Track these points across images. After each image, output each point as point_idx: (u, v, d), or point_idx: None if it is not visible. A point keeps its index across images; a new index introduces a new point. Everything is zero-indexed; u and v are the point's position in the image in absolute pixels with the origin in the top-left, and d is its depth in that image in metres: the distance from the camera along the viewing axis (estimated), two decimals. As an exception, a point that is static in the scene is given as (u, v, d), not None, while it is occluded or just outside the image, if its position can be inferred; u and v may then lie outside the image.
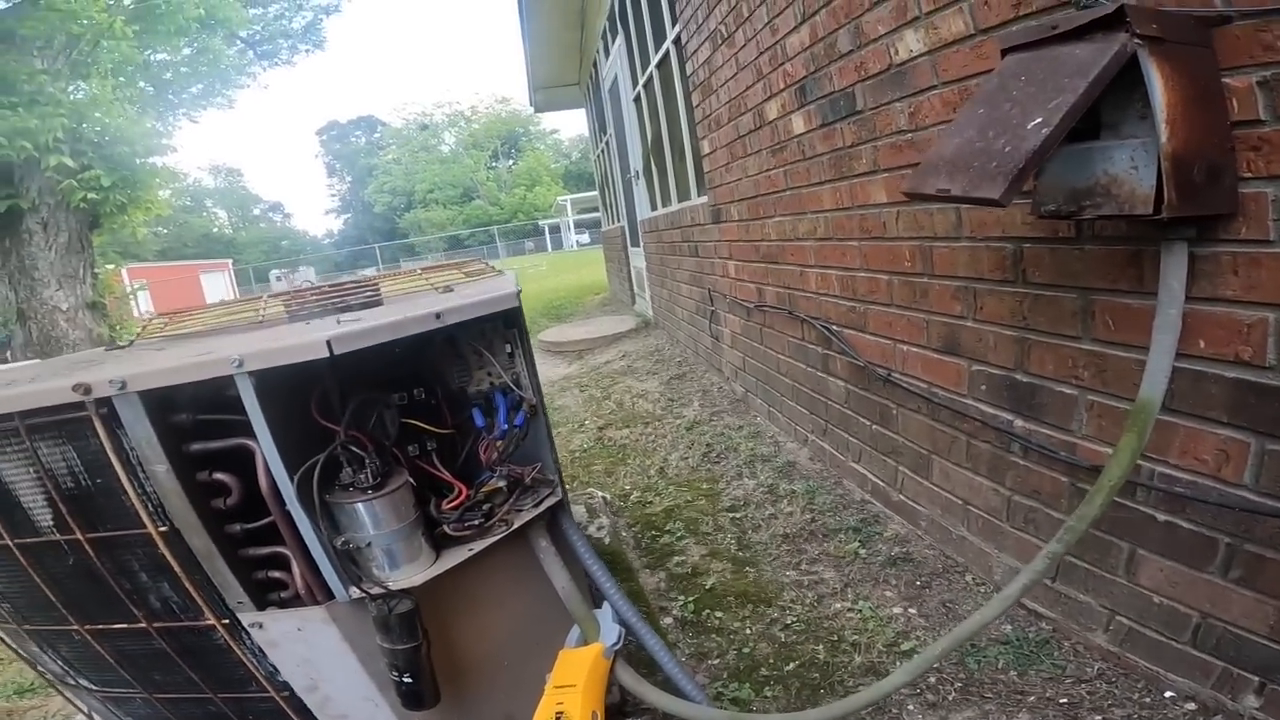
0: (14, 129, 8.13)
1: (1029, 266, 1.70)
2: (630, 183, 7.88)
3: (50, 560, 1.26)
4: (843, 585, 2.28)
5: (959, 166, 1.33)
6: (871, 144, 2.34)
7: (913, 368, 2.28)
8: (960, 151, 1.36)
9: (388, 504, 1.21)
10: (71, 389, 1.05)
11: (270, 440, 1.06)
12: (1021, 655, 1.78)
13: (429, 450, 1.37)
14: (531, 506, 1.45)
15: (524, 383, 1.43)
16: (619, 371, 5.89)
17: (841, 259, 2.68)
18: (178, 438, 1.13)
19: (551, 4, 8.73)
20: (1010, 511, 1.93)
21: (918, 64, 2.03)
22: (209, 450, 1.14)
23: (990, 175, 1.23)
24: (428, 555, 1.32)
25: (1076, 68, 1.27)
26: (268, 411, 1.07)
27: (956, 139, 1.41)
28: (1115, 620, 1.64)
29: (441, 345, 1.41)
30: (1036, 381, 1.74)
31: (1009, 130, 1.29)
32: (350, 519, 1.21)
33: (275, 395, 1.10)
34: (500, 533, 1.38)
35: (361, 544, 1.22)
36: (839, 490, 2.92)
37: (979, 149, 1.33)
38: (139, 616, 1.28)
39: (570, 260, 30.38)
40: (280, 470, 1.08)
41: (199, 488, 1.15)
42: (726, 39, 3.63)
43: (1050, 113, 1.24)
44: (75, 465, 1.16)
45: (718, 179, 4.18)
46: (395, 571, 1.27)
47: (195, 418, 1.13)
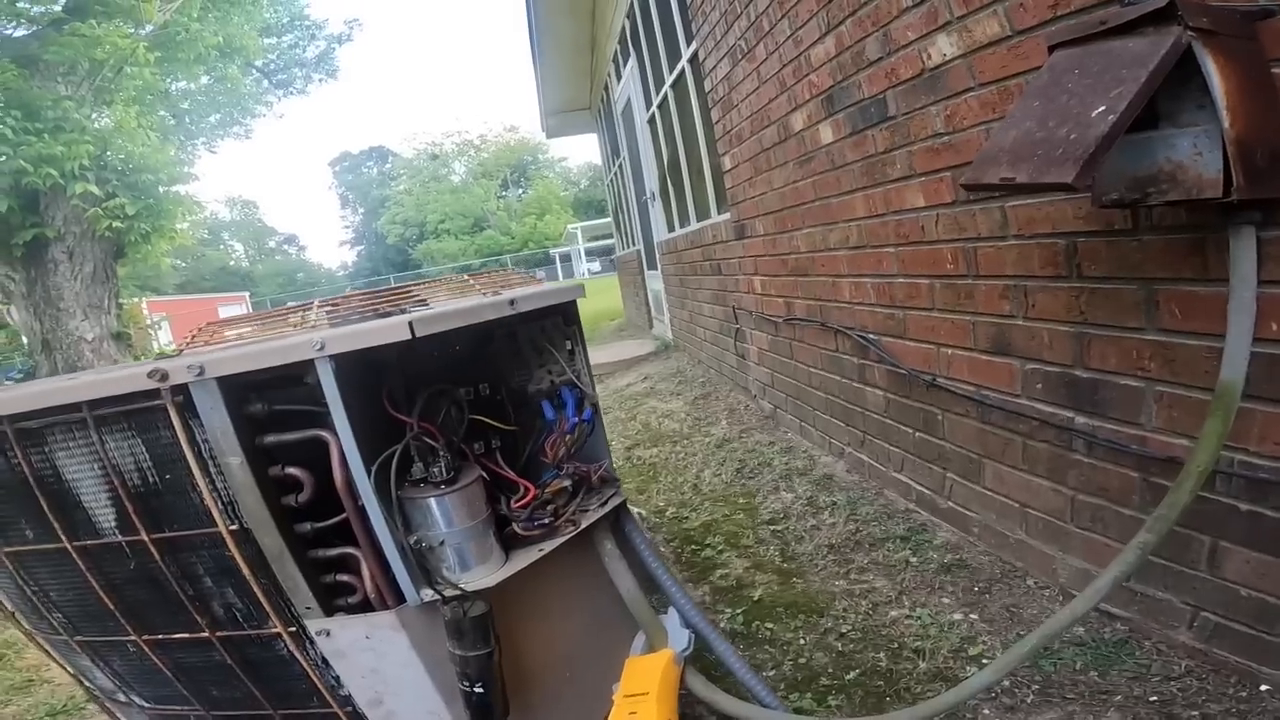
0: (39, 155, 8.25)
1: (1084, 260, 1.68)
2: (645, 205, 7.90)
3: (110, 564, 1.22)
4: (897, 593, 2.23)
5: (1021, 156, 1.33)
6: (906, 149, 2.33)
7: (959, 371, 2.25)
8: (1020, 142, 1.36)
9: (461, 500, 1.19)
10: (147, 375, 1.02)
11: (349, 430, 1.04)
12: (1099, 656, 1.72)
13: (494, 448, 1.35)
14: (597, 506, 1.42)
15: (585, 380, 1.41)
16: (642, 393, 5.87)
17: (877, 266, 2.66)
18: (253, 430, 1.10)
19: (562, 29, 8.83)
20: (1074, 511, 1.88)
21: (952, 67, 2.03)
22: (283, 442, 1.11)
23: (1058, 161, 1.23)
24: (498, 556, 1.30)
25: (1133, 60, 1.27)
26: (346, 402, 1.05)
27: (1014, 131, 1.41)
28: (1200, 616, 1.59)
29: (502, 342, 1.40)
30: (1098, 376, 1.71)
31: (1071, 119, 1.29)
32: (423, 516, 1.19)
33: (351, 386, 1.08)
34: (568, 533, 1.36)
35: (434, 542, 1.20)
36: (881, 500, 2.88)
37: (1040, 138, 1.32)
38: (201, 625, 1.25)
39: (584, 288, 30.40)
40: (357, 462, 1.05)
41: (271, 483, 1.12)
42: (747, 54, 3.64)
43: (1114, 101, 1.24)
44: (143, 460, 1.12)
45: (740, 194, 4.17)
46: (467, 573, 1.24)
47: (271, 408, 1.10)
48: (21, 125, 8.37)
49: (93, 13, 9.12)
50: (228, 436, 1.05)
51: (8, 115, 8.32)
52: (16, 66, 8.74)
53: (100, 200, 9.00)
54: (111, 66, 9.33)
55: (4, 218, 8.58)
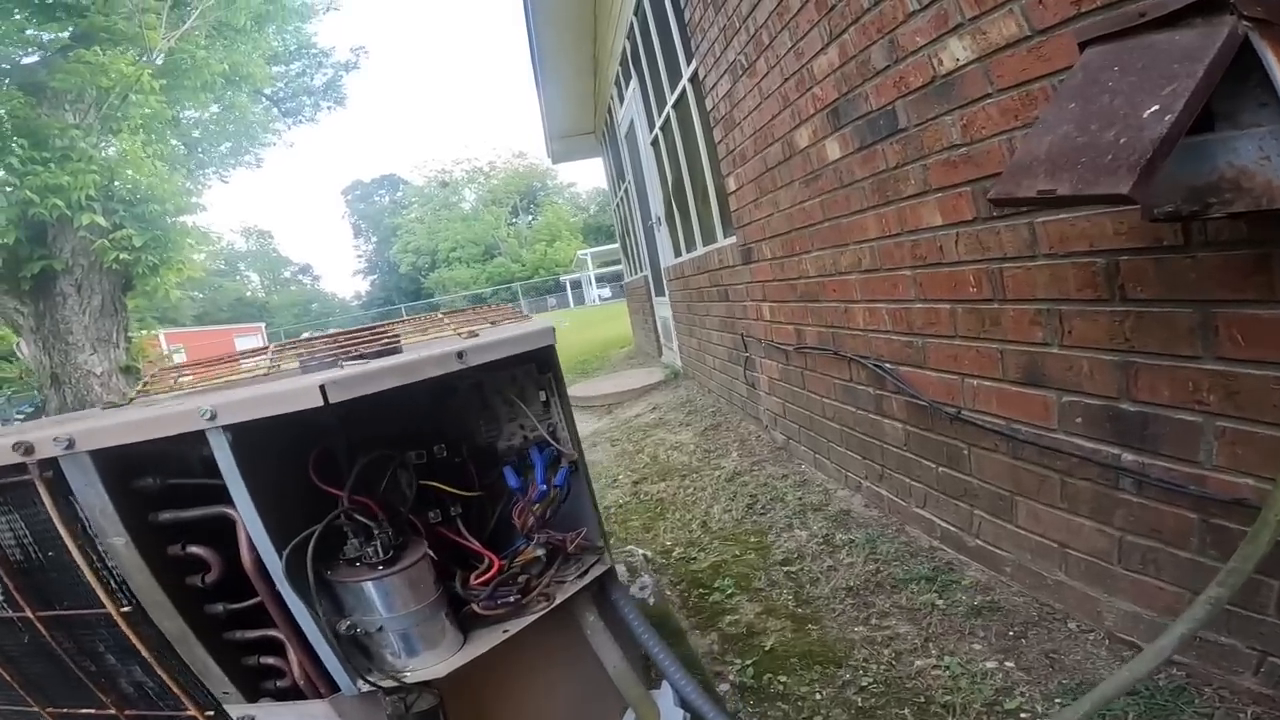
0: (46, 186, 8.20)
1: (1128, 281, 1.50)
2: (652, 230, 7.77)
3: (5, 636, 1.08)
4: (922, 640, 2.04)
5: (1060, 164, 1.16)
6: (920, 163, 2.17)
7: (986, 403, 2.07)
8: (1059, 149, 1.19)
9: (402, 581, 1.02)
10: (11, 448, 0.87)
11: (252, 508, 0.87)
12: (1155, 705, 1.54)
13: (453, 516, 1.17)
14: (576, 577, 1.24)
15: (562, 435, 1.22)
16: (650, 424, 5.69)
17: (892, 291, 2.48)
18: (144, 505, 0.94)
19: (564, 52, 8.77)
20: (1122, 553, 1.70)
21: (967, 73, 1.88)
22: (181, 520, 0.96)
23: (1109, 169, 1.06)
24: (453, 639, 1.12)
25: (1183, 54, 1.12)
26: (255, 474, 0.88)
27: (1049, 137, 1.24)
28: (1268, 661, 1.42)
29: (468, 395, 1.23)
30: (1148, 410, 1.53)
31: (1118, 121, 1.13)
32: (357, 599, 1.02)
33: (266, 455, 0.91)
34: (540, 609, 1.18)
35: (371, 628, 1.02)
36: (903, 538, 2.68)
37: (1083, 144, 1.16)
38: (106, 702, 1.09)
39: (593, 315, 30.37)
40: (266, 543, 0.89)
41: (172, 562, 0.97)
42: (747, 69, 3.51)
43: (1168, 99, 1.08)
44: (23, 535, 0.98)
45: (746, 216, 4.02)
46: (414, 659, 1.07)
47: (164, 482, 0.94)
48: (29, 155, 8.33)
49: (98, 40, 9.13)
50: (108, 515, 0.90)
51: (15, 144, 8.30)
52: (24, 94, 8.74)
53: (107, 231, 8.92)
54: (118, 94, 9.31)
55: (11, 250, 8.52)
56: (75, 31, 9.24)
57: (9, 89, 8.94)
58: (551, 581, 1.19)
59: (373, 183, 75.53)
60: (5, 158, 8.26)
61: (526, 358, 1.17)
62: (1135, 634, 1.72)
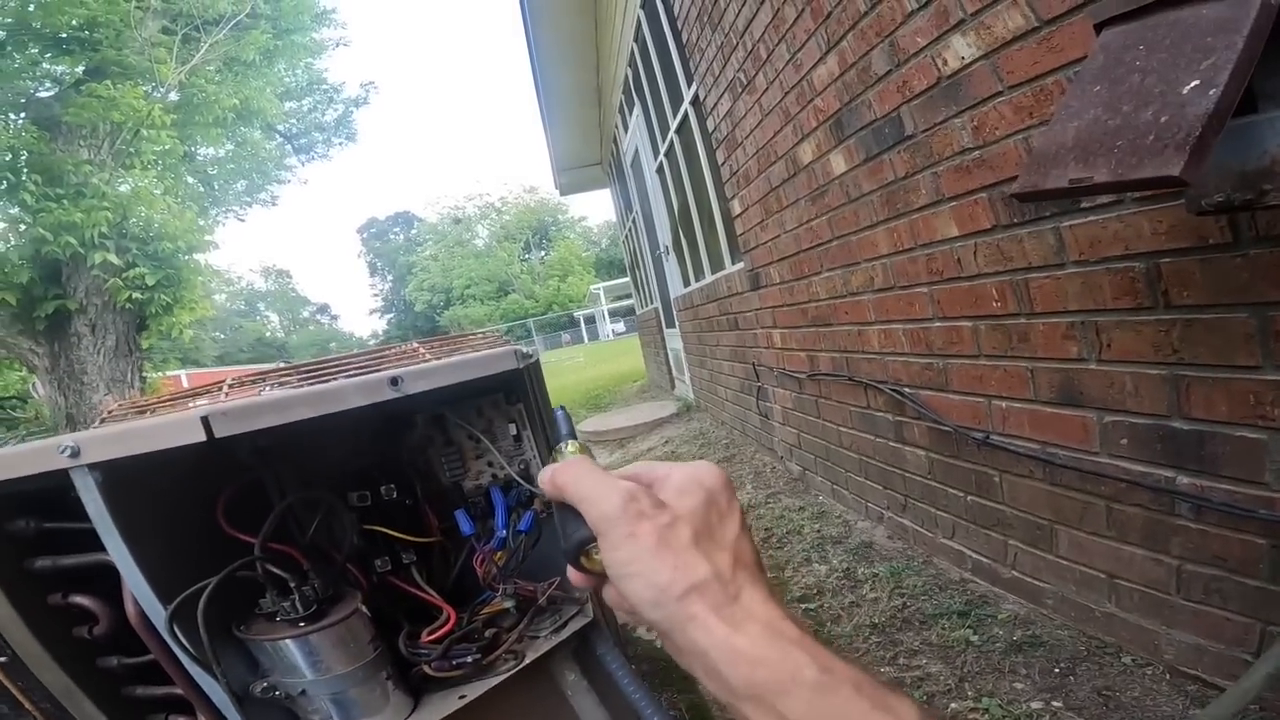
0: (59, 223, 8.22)
1: (1172, 286, 1.35)
2: (660, 260, 7.67)
3: None
4: (957, 680, 1.87)
5: (1093, 150, 1.01)
6: (930, 170, 2.04)
7: (1017, 426, 1.90)
8: (1089, 134, 1.05)
9: (326, 639, 0.87)
10: None
11: (128, 556, 0.73)
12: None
13: (406, 564, 1.02)
14: (551, 632, 1.08)
15: (533, 473, 1.07)
16: (663, 457, 5.53)
17: (908, 310, 2.33)
18: (19, 551, 0.82)
19: (568, 83, 8.76)
20: (1181, 583, 1.52)
21: (973, 71, 1.77)
22: (61, 567, 0.82)
23: (1154, 149, 0.91)
24: (400, 704, 0.96)
25: (1216, 25, 1.00)
26: (147, 517, 0.74)
27: (1075, 123, 1.10)
28: None
29: (429, 430, 1.08)
30: (1203, 428, 1.36)
31: (1154, 100, 0.99)
32: (275, 658, 0.87)
33: (165, 496, 0.78)
34: (506, 670, 1.02)
35: (293, 691, 0.87)
36: (930, 570, 2.50)
37: (1115, 127, 1.01)
38: None
39: (607, 350, 30.27)
40: (149, 595, 0.74)
41: (54, 612, 0.83)
42: (747, 86, 3.40)
43: (1209, 73, 0.95)
44: None
45: (752, 240, 3.89)
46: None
47: (41, 526, 0.81)
48: (42, 191, 8.39)
49: (111, 74, 9.23)
50: None
51: (29, 180, 8.36)
52: (37, 129, 8.83)
53: (120, 270, 8.96)
54: (130, 129, 9.39)
55: (25, 289, 8.54)
56: (88, 66, 9.35)
57: (23, 123, 9.05)
58: (523, 636, 1.03)
59: (387, 220, 76.59)
60: (19, 194, 8.34)
61: (486, 385, 1.02)
62: (1199, 667, 1.54)
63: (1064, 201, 1.54)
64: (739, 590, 0.41)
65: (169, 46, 10.16)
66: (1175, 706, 1.54)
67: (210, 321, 12.45)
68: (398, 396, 0.86)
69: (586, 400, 11.10)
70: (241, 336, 58.13)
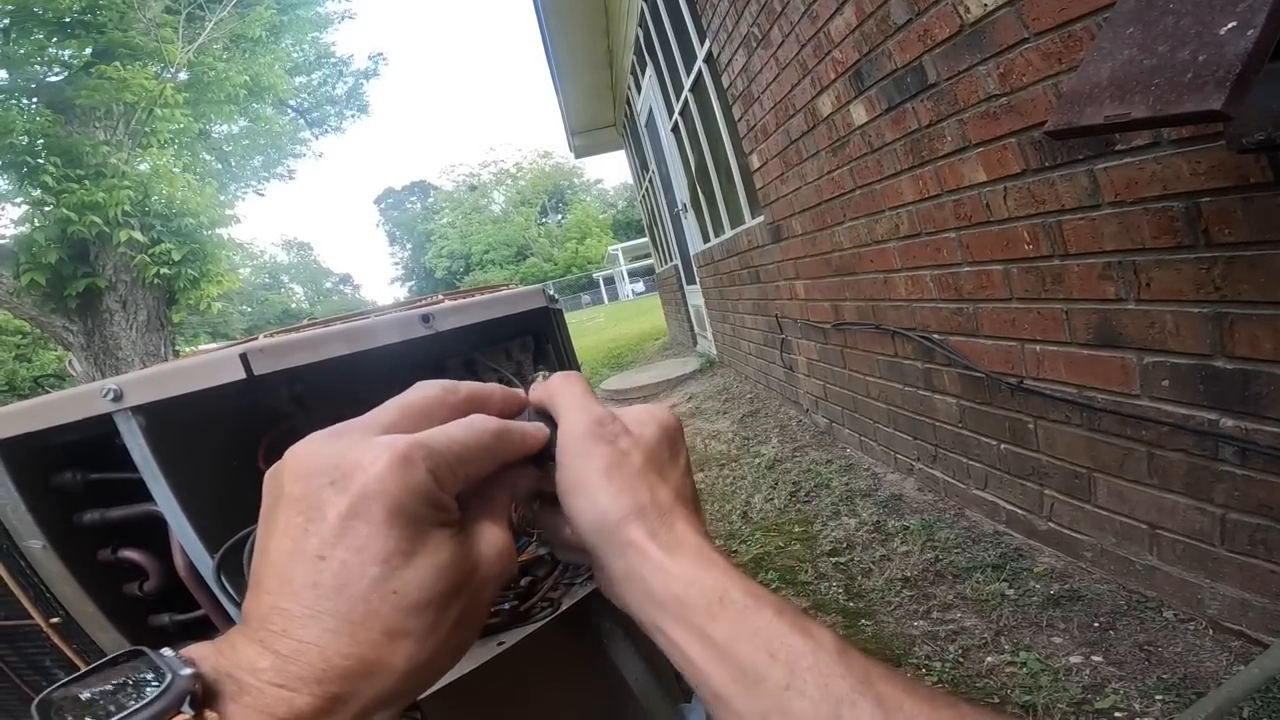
0: (82, 203, 8.35)
1: (1213, 225, 1.31)
2: (679, 218, 7.61)
3: None
4: (993, 634, 1.86)
5: (1130, 88, 0.99)
6: (956, 118, 1.99)
7: (1053, 370, 1.88)
8: (1124, 73, 1.02)
9: None
10: None
11: (175, 505, 0.72)
12: (1272, 700, 1.35)
13: None
14: (586, 578, 1.08)
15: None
16: (687, 414, 5.53)
17: (935, 256, 2.29)
18: (67, 504, 0.82)
19: (577, 46, 8.63)
20: (1225, 533, 1.50)
21: (998, 18, 1.71)
22: (109, 520, 0.83)
23: (1194, 86, 0.89)
24: None
25: None
26: (190, 465, 0.74)
27: (1109, 63, 1.07)
28: None
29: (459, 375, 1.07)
30: (1248, 367, 1.33)
31: (1190, 41, 0.96)
32: None
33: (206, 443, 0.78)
34: (542, 617, 1.02)
35: None
36: (963, 523, 2.49)
37: (1152, 66, 0.99)
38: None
39: (627, 309, 30.25)
40: (197, 546, 0.74)
41: (104, 568, 0.84)
42: (762, 40, 3.33)
43: (1245, 15, 0.92)
44: None
45: (772, 193, 3.84)
46: None
47: (85, 478, 0.81)
48: (62, 172, 8.52)
49: (119, 55, 9.27)
50: (19, 515, 0.77)
51: (49, 163, 8.47)
52: (52, 112, 8.92)
53: (146, 247, 9.11)
54: (144, 109, 9.45)
55: (55, 269, 8.68)
56: (96, 49, 9.38)
57: (38, 108, 9.13)
58: (559, 584, 1.04)
59: (404, 190, 76.69)
60: (40, 176, 8.46)
61: (515, 325, 1.01)
62: (1244, 623, 1.52)
63: (1097, 144, 1.50)
64: (675, 521, 0.41)
65: (174, 26, 10.14)
66: (1219, 663, 1.52)
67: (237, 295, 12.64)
68: (429, 334, 0.86)
69: (608, 359, 11.13)
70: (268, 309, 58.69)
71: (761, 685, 0.34)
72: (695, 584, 0.38)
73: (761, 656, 0.35)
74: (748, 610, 0.37)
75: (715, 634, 0.36)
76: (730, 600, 0.37)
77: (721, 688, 0.35)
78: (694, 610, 0.37)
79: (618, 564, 0.41)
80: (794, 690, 0.33)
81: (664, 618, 0.39)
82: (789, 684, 0.33)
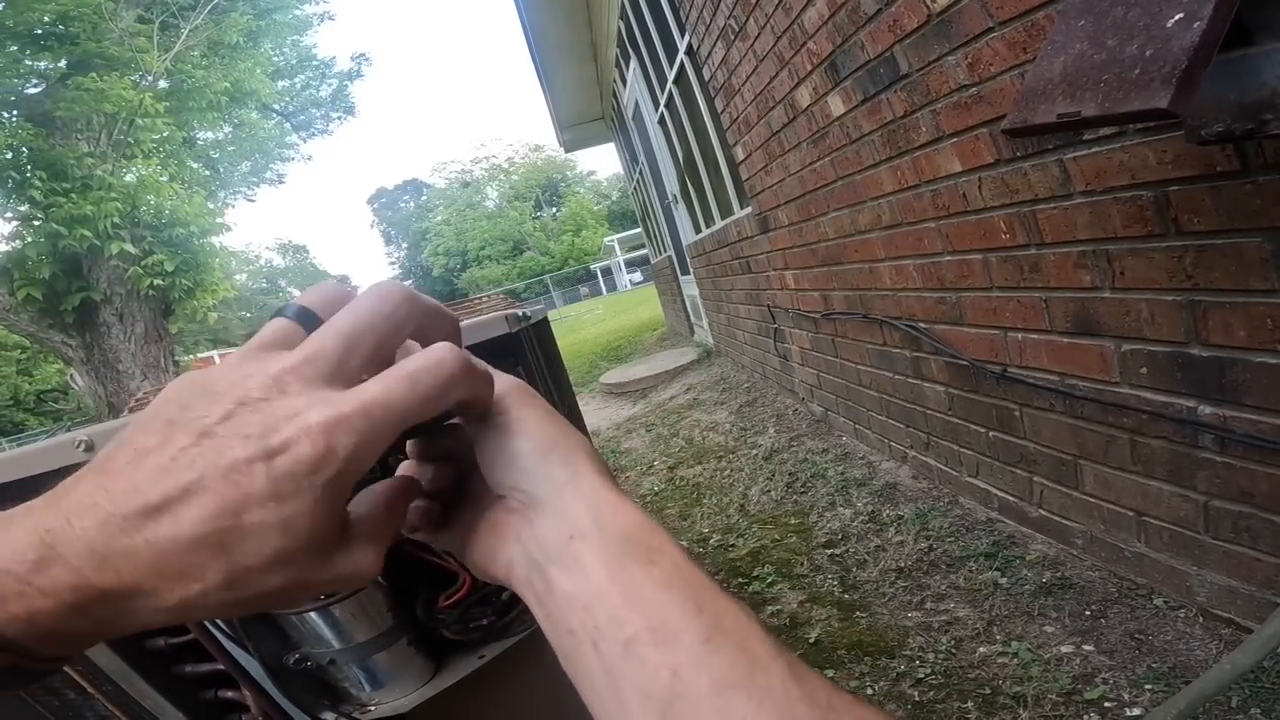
0: (71, 217, 8.34)
1: (1182, 213, 1.30)
2: (670, 209, 7.60)
3: None
4: (985, 624, 1.87)
5: (1081, 85, 0.99)
6: (929, 109, 1.98)
7: (1035, 358, 1.88)
8: (1076, 69, 1.02)
9: (350, 609, 0.90)
10: None
11: None
12: (1261, 690, 1.36)
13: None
14: None
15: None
16: (685, 405, 5.54)
17: (918, 246, 2.29)
18: None
19: (562, 40, 8.57)
20: (1209, 520, 1.50)
21: (963, 8, 1.71)
22: None
23: (1140, 83, 0.89)
24: (422, 667, 1.00)
25: None
26: None
27: (1061, 57, 1.07)
28: None
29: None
30: (1223, 355, 1.33)
31: (1139, 34, 0.95)
32: (303, 630, 0.90)
33: None
34: (522, 630, 1.04)
35: (323, 660, 0.91)
36: (956, 511, 2.50)
37: (1102, 61, 0.98)
38: None
39: (625, 300, 30.20)
40: None
41: None
42: (739, 33, 3.31)
43: (1191, 6, 0.90)
44: None
45: (758, 184, 3.83)
46: (379, 691, 0.95)
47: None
48: (49, 186, 8.50)
49: (95, 66, 9.24)
50: None
51: (34, 177, 8.46)
52: (33, 125, 8.89)
53: (138, 258, 9.10)
54: (125, 119, 9.42)
55: (50, 283, 8.69)
56: (71, 60, 9.35)
57: (19, 121, 9.10)
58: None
59: (396, 189, 76.48)
60: (27, 190, 8.45)
61: (484, 350, 1.02)
62: (1232, 610, 1.52)
63: (1062, 135, 1.50)
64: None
65: (148, 35, 10.09)
66: (1209, 650, 1.53)
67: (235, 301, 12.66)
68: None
69: (607, 352, 11.13)
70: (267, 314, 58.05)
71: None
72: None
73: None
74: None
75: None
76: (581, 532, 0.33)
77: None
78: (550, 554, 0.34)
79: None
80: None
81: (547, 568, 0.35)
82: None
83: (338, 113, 18.69)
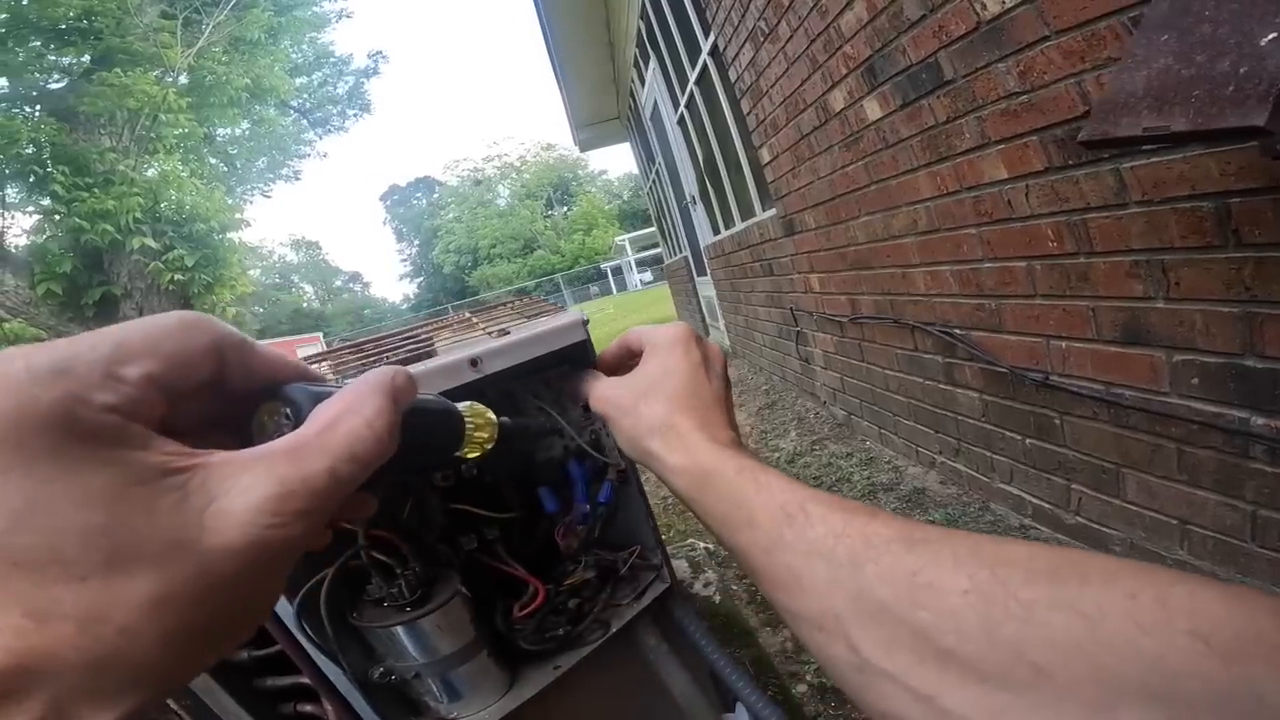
0: (93, 211, 8.40)
1: (1243, 225, 1.30)
2: (687, 210, 7.59)
3: None
4: (1022, 628, 1.86)
5: (1168, 99, 0.98)
6: (974, 115, 1.98)
7: (1079, 366, 1.87)
8: (1159, 83, 1.02)
9: (433, 623, 0.89)
10: None
11: None
12: None
13: (490, 540, 1.04)
14: (633, 599, 1.09)
15: (607, 443, 1.06)
16: (706, 407, 5.53)
17: (956, 251, 2.29)
18: None
19: (579, 39, 8.58)
20: (1256, 529, 1.50)
21: (1016, 15, 1.70)
22: None
23: (1234, 101, 0.89)
24: (499, 679, 1.00)
25: None
26: None
27: (1144, 71, 1.07)
28: None
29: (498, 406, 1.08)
30: (1278, 367, 1.33)
31: (1230, 51, 0.95)
32: (388, 643, 0.90)
33: None
34: (595, 639, 1.04)
35: (407, 674, 0.91)
36: (988, 516, 2.49)
37: (1190, 77, 0.98)
38: None
39: (636, 300, 30.16)
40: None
41: None
42: (769, 35, 3.31)
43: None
44: None
45: (784, 187, 3.82)
46: (458, 704, 0.94)
47: None
48: (71, 181, 8.55)
49: (119, 61, 9.29)
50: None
51: (57, 171, 8.50)
52: (56, 120, 8.94)
53: (159, 253, 9.17)
54: (147, 114, 9.48)
55: (70, 278, 8.75)
56: (94, 55, 9.41)
57: (41, 116, 9.17)
58: (606, 605, 1.05)
59: (408, 186, 76.79)
60: (49, 185, 8.51)
61: (557, 357, 1.02)
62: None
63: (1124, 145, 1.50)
64: (675, 427, 0.56)
65: (172, 31, 10.16)
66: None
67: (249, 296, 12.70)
68: (477, 378, 0.87)
69: (621, 354, 11.09)
70: (280, 309, 58.99)
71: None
72: (687, 471, 0.54)
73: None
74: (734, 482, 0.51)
75: (710, 508, 0.51)
76: (722, 473, 0.52)
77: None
78: (692, 491, 0.53)
79: (653, 468, 0.60)
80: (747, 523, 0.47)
81: (687, 503, 0.55)
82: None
83: (354, 110, 18.85)
